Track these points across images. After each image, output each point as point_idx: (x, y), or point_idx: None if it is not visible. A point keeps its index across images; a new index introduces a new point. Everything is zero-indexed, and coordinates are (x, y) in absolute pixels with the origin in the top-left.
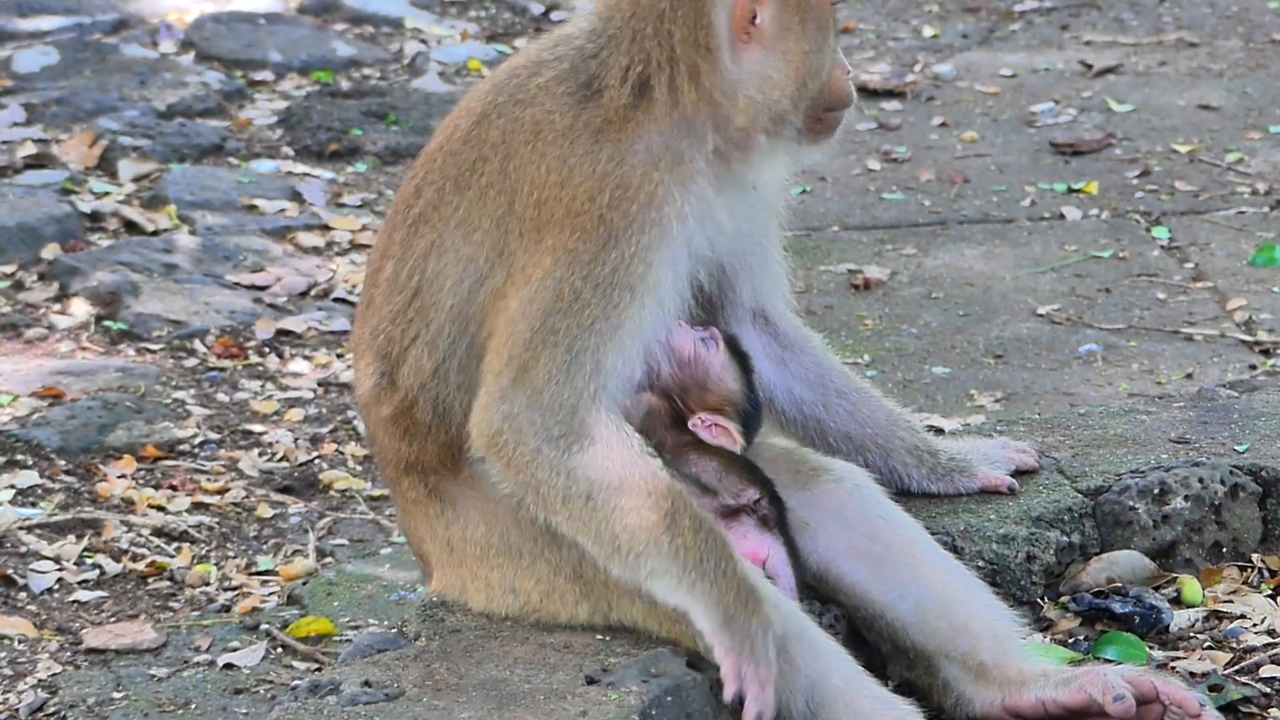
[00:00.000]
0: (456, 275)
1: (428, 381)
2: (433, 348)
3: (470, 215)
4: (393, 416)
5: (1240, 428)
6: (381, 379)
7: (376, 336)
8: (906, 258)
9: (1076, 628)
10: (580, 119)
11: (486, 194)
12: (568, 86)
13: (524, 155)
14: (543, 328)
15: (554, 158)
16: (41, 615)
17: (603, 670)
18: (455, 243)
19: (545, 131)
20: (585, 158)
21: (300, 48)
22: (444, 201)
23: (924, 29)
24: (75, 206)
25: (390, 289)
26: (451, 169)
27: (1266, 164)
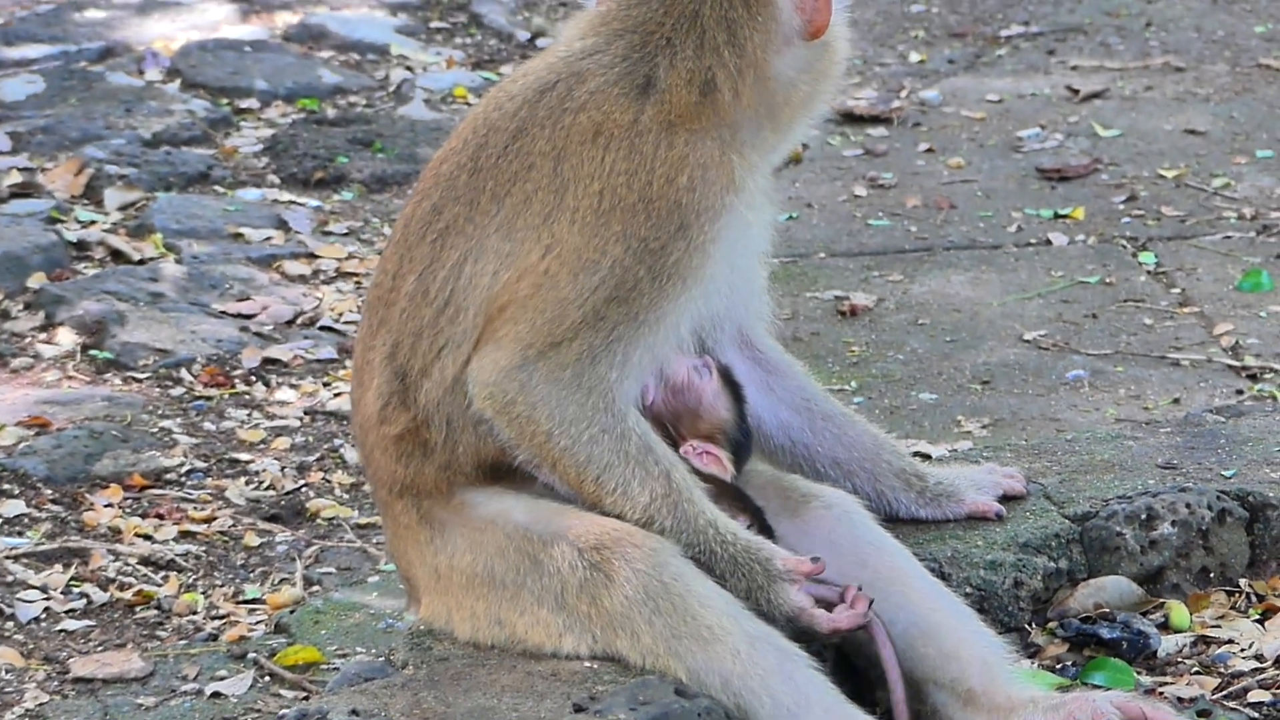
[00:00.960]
0: (493, 270)
1: (447, 395)
2: (457, 350)
3: (512, 219)
4: (398, 436)
5: (1227, 453)
6: (393, 399)
7: (395, 354)
8: (893, 284)
9: (1064, 653)
10: (645, 115)
11: (534, 198)
12: (623, 88)
13: (582, 155)
14: (594, 313)
15: (621, 151)
16: (29, 644)
17: (590, 698)
18: (495, 244)
19: (607, 129)
20: (660, 145)
21: (286, 75)
22: (479, 212)
23: (910, 54)
24: (61, 235)
25: (417, 302)
26: (486, 183)
27: (1253, 189)
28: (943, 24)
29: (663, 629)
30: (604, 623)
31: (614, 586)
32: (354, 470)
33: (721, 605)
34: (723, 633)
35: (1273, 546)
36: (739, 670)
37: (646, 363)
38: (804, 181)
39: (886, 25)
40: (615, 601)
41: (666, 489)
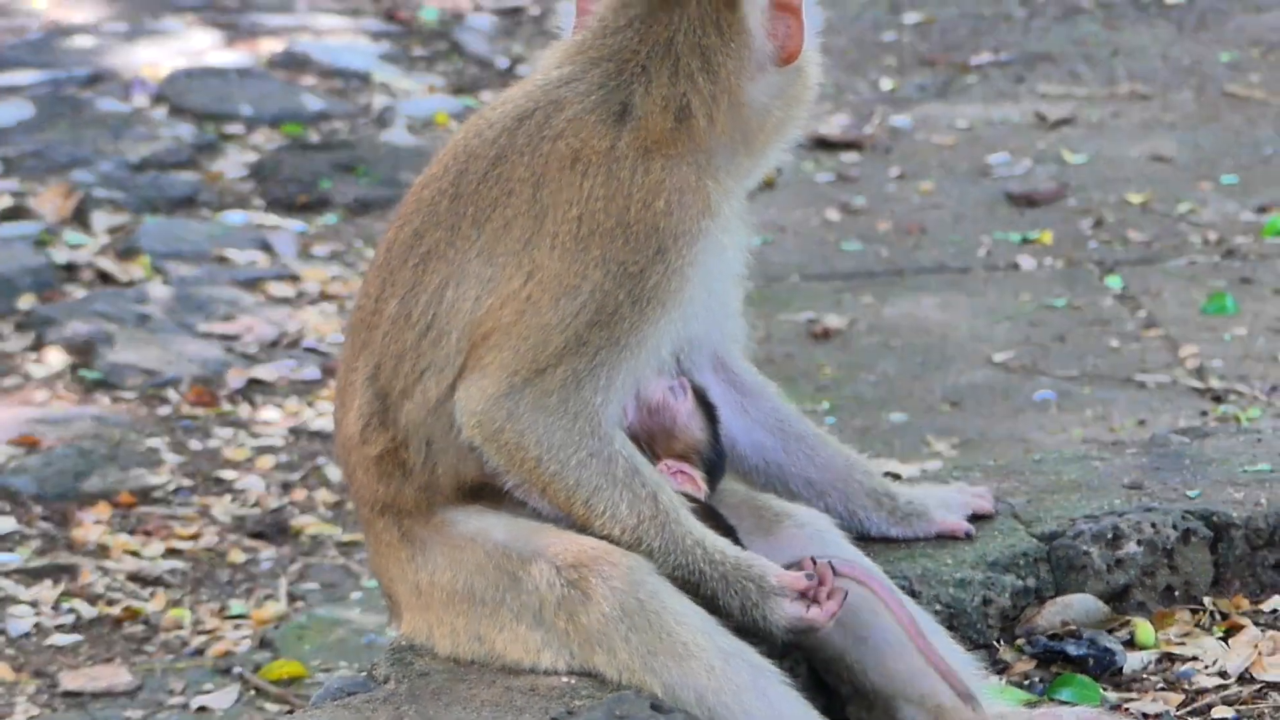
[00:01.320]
0: (474, 295)
1: (428, 417)
2: (439, 374)
3: (492, 244)
4: (378, 457)
5: (1192, 473)
6: (373, 419)
7: (377, 376)
8: (865, 307)
9: (1032, 670)
10: (621, 141)
11: (513, 223)
12: (599, 115)
13: (561, 181)
14: (577, 338)
15: (599, 177)
16: (19, 659)
17: (568, 713)
18: (477, 269)
19: (585, 155)
20: (636, 171)
21: (270, 101)
22: (459, 237)
23: (882, 82)
24: (50, 258)
25: (399, 326)
26: (467, 209)
27: (1217, 214)
28: (914, 52)
29: (639, 645)
30: (581, 639)
31: (591, 604)
32: (337, 488)
33: (696, 622)
34: (697, 649)
35: (1236, 565)
36: (713, 686)
37: (629, 385)
38: (778, 206)
39: (859, 53)
40: (592, 618)
41: (654, 510)
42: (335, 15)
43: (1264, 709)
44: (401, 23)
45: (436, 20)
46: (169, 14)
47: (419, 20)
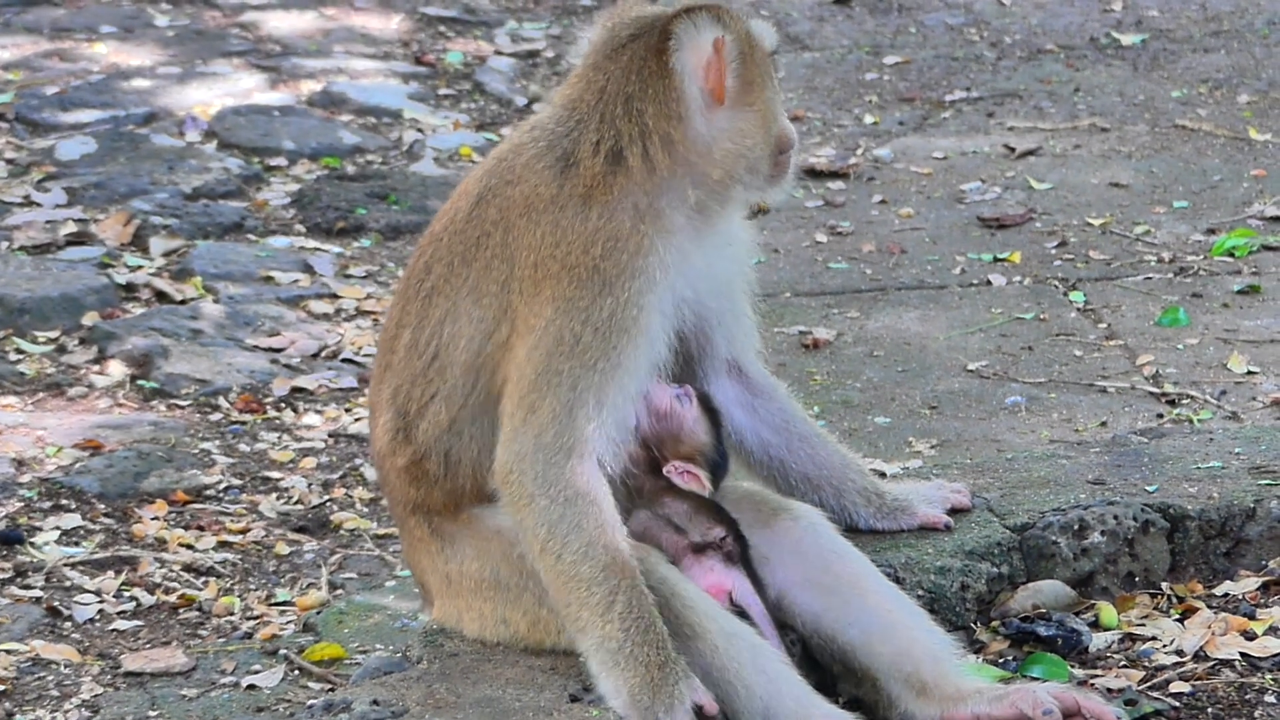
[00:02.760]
0: (469, 335)
1: (443, 434)
2: (449, 402)
3: (479, 284)
4: (406, 466)
5: (1150, 470)
6: (398, 434)
7: (396, 397)
8: (851, 320)
9: (1006, 649)
10: (564, 189)
11: (491, 264)
12: (546, 162)
13: (520, 227)
14: (547, 369)
15: (547, 224)
16: (84, 643)
17: (585, 689)
18: (467, 308)
19: (535, 203)
20: (576, 218)
21: (310, 136)
22: (454, 274)
23: (865, 117)
24: (112, 279)
25: (410, 354)
26: (459, 246)
27: (1171, 235)
28: (893, 90)
29: None
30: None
31: None
32: (373, 487)
33: (703, 606)
34: (703, 630)
35: (1191, 554)
36: (718, 663)
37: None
38: (770, 229)
39: (843, 91)
40: None
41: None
42: (368, 59)
43: (1217, 684)
44: (429, 65)
45: (460, 63)
46: (218, 58)
47: (444, 63)
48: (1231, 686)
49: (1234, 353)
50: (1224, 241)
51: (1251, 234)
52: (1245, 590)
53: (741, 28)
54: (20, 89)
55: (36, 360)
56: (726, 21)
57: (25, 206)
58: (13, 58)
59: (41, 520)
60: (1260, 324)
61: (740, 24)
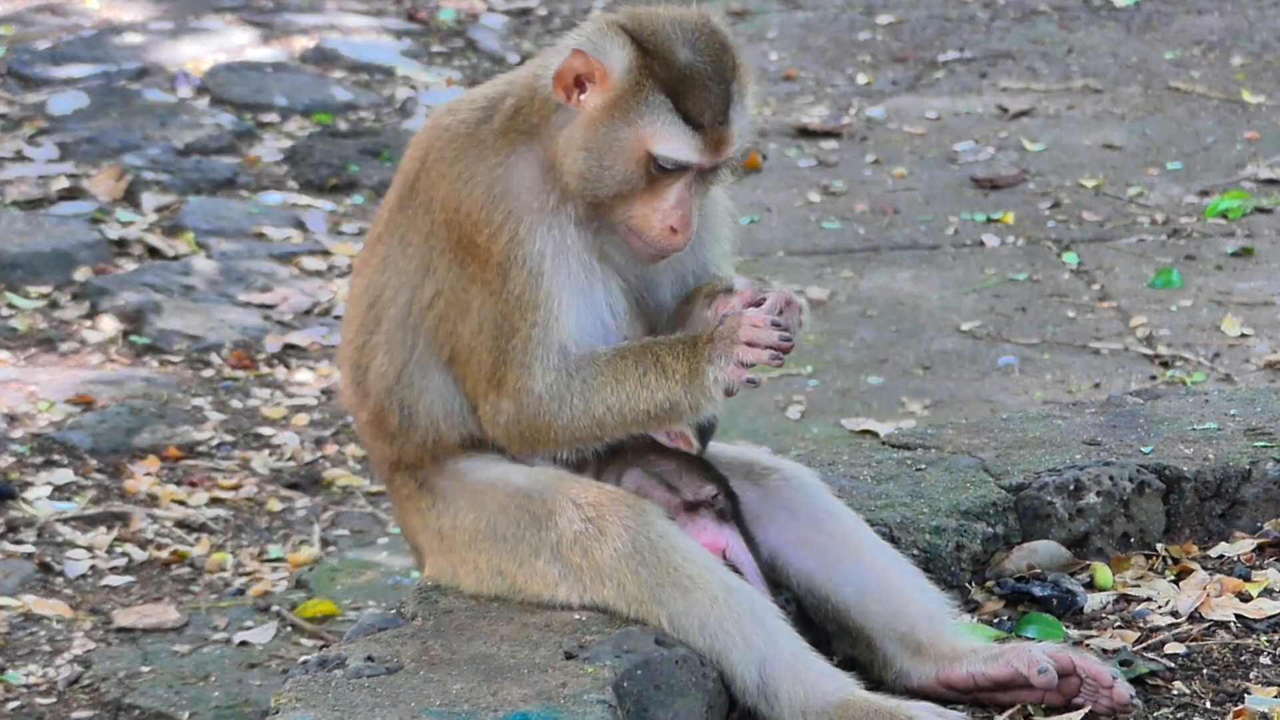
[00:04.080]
0: (396, 286)
1: (393, 386)
2: (391, 353)
3: (407, 232)
4: (369, 421)
5: (1145, 431)
6: (356, 388)
7: (348, 347)
8: (844, 280)
9: (1001, 609)
10: (479, 130)
11: (418, 212)
12: (479, 104)
13: (435, 172)
14: (495, 349)
15: (457, 174)
16: (76, 598)
17: (580, 646)
18: (396, 257)
19: (454, 139)
20: (478, 172)
21: (303, 93)
22: (392, 219)
23: (858, 76)
24: (104, 234)
25: (356, 303)
26: (400, 189)
27: (1164, 197)
28: (887, 50)
29: (648, 579)
30: (594, 573)
31: (605, 540)
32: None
33: (701, 559)
34: (702, 582)
35: (1186, 515)
36: (716, 615)
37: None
38: (764, 188)
39: (836, 51)
40: (605, 554)
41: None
42: (361, 15)
43: (1212, 645)
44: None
45: (453, 19)
46: (210, 14)
47: (437, 19)
48: (1226, 648)
49: (1227, 315)
50: (1217, 204)
51: (1245, 196)
52: (1240, 552)
53: (624, 56)
54: (12, 43)
55: (28, 315)
56: (616, 44)
57: (17, 161)
58: (4, 12)
59: (33, 476)
60: (1253, 286)
61: (626, 53)
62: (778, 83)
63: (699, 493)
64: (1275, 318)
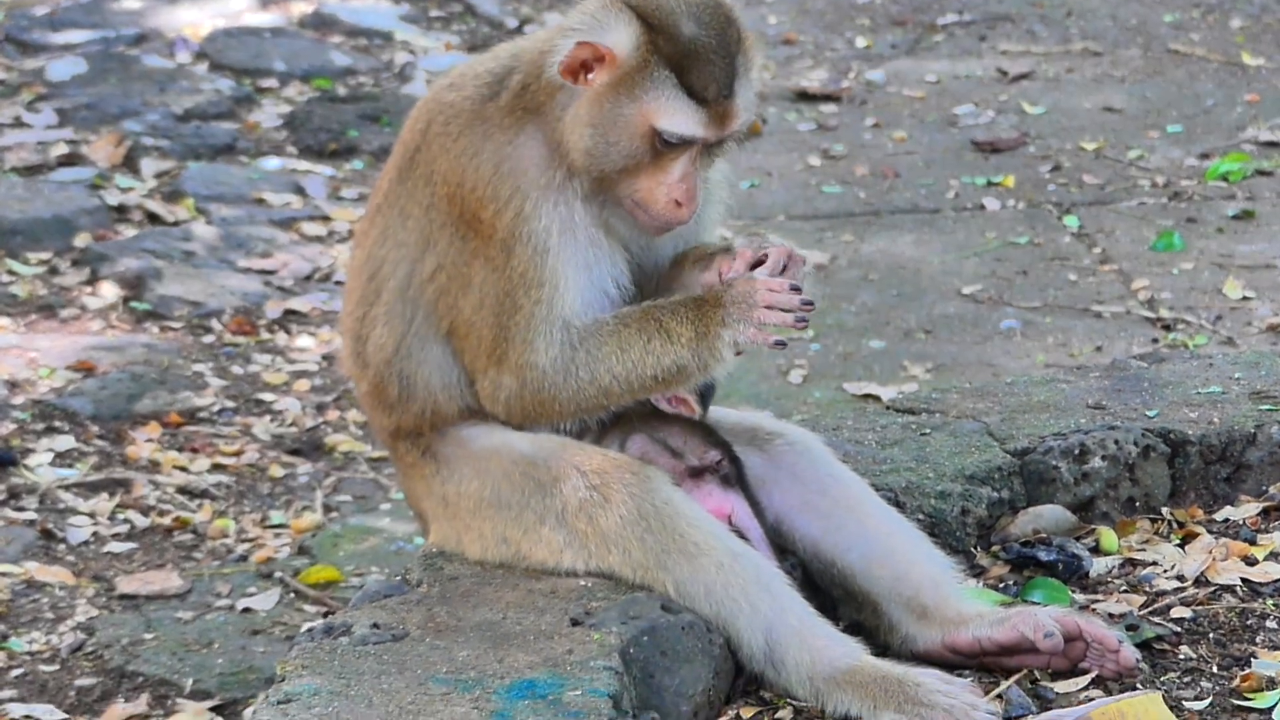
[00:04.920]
0: (395, 259)
1: (392, 358)
2: (390, 325)
3: (407, 204)
4: (369, 391)
5: (1150, 395)
6: (356, 358)
7: (348, 318)
8: (845, 244)
9: (1006, 574)
10: (487, 106)
11: (418, 184)
12: (485, 80)
13: (438, 145)
14: (496, 324)
15: (461, 149)
16: (79, 565)
17: (586, 613)
18: (395, 228)
19: (459, 114)
20: (485, 148)
21: (302, 58)
22: (392, 190)
23: (857, 40)
24: (103, 200)
25: (356, 274)
26: (400, 159)
27: (1164, 160)
28: (886, 13)
29: (653, 545)
30: (599, 540)
31: (610, 507)
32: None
33: (707, 525)
34: (708, 548)
35: (1191, 478)
36: (722, 581)
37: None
38: (764, 153)
39: (835, 14)
40: (611, 521)
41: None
42: None
43: (1218, 609)
44: None
45: None
46: None
47: None
48: (1232, 612)
49: (1229, 277)
50: (1218, 166)
51: (1245, 159)
52: (1246, 515)
53: (629, 34)
54: (10, 9)
55: (29, 282)
56: (621, 20)
57: (16, 127)
58: None
59: (35, 442)
60: (1255, 249)
61: (632, 30)
62: (777, 47)
63: (703, 458)
64: (1277, 280)
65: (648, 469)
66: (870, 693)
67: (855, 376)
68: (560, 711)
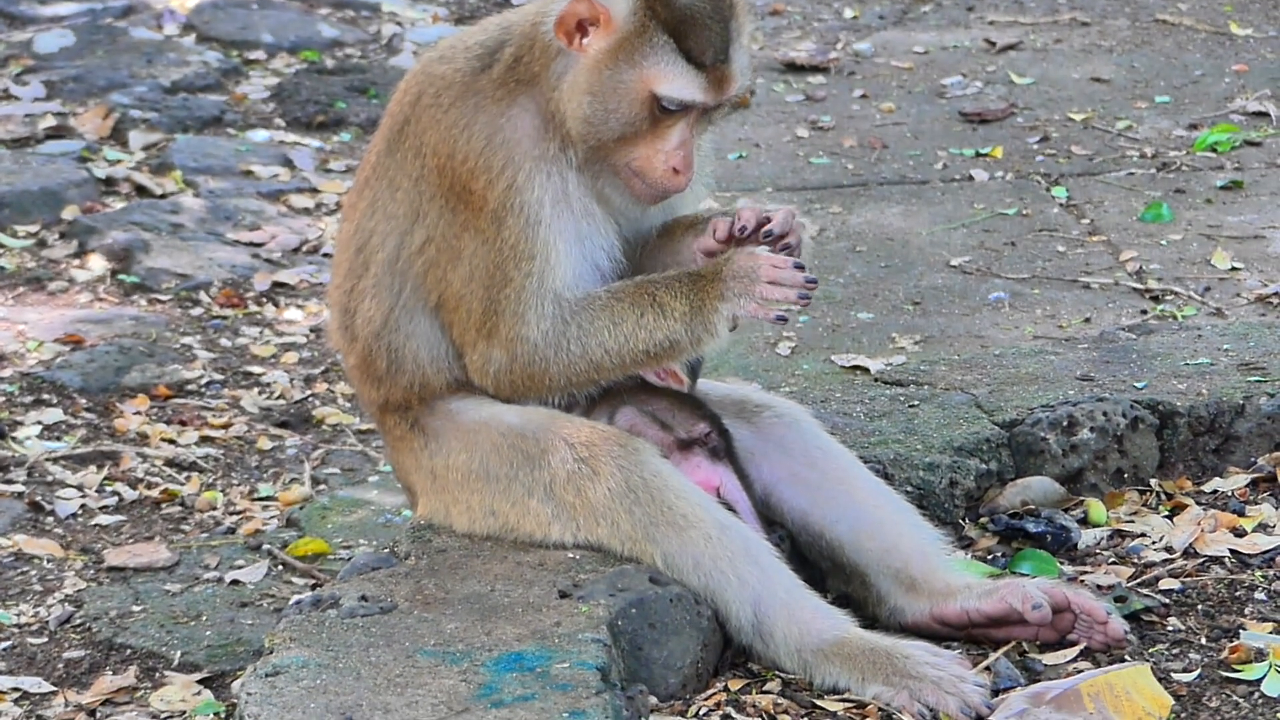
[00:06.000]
0: (384, 231)
1: (380, 331)
2: (378, 298)
3: (396, 176)
4: (357, 364)
5: (1139, 367)
6: (344, 331)
7: (336, 291)
8: (833, 215)
9: (995, 545)
10: (479, 79)
11: (407, 156)
12: (475, 52)
13: (429, 117)
14: (486, 297)
15: (452, 120)
16: (67, 537)
17: (574, 585)
18: (384, 200)
19: (450, 86)
20: (476, 119)
21: (289, 30)
22: (380, 163)
23: (845, 11)
24: (91, 172)
25: (345, 247)
26: (388, 132)
27: (1153, 130)
28: None
29: (641, 517)
30: (588, 512)
31: (599, 480)
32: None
33: (695, 498)
34: (696, 520)
35: (1180, 450)
36: (710, 553)
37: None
38: (751, 124)
39: None
40: (599, 493)
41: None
42: None
43: (1206, 581)
44: None
45: None
46: None
47: None
48: (1221, 583)
49: (1217, 249)
50: (1206, 137)
51: (1234, 129)
52: (1234, 487)
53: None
54: None
55: (16, 254)
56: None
57: (4, 100)
58: None
59: (23, 415)
60: (1243, 220)
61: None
62: (764, 17)
63: (692, 430)
64: (1265, 251)
65: (636, 441)
66: (858, 664)
67: (843, 348)
68: (548, 683)
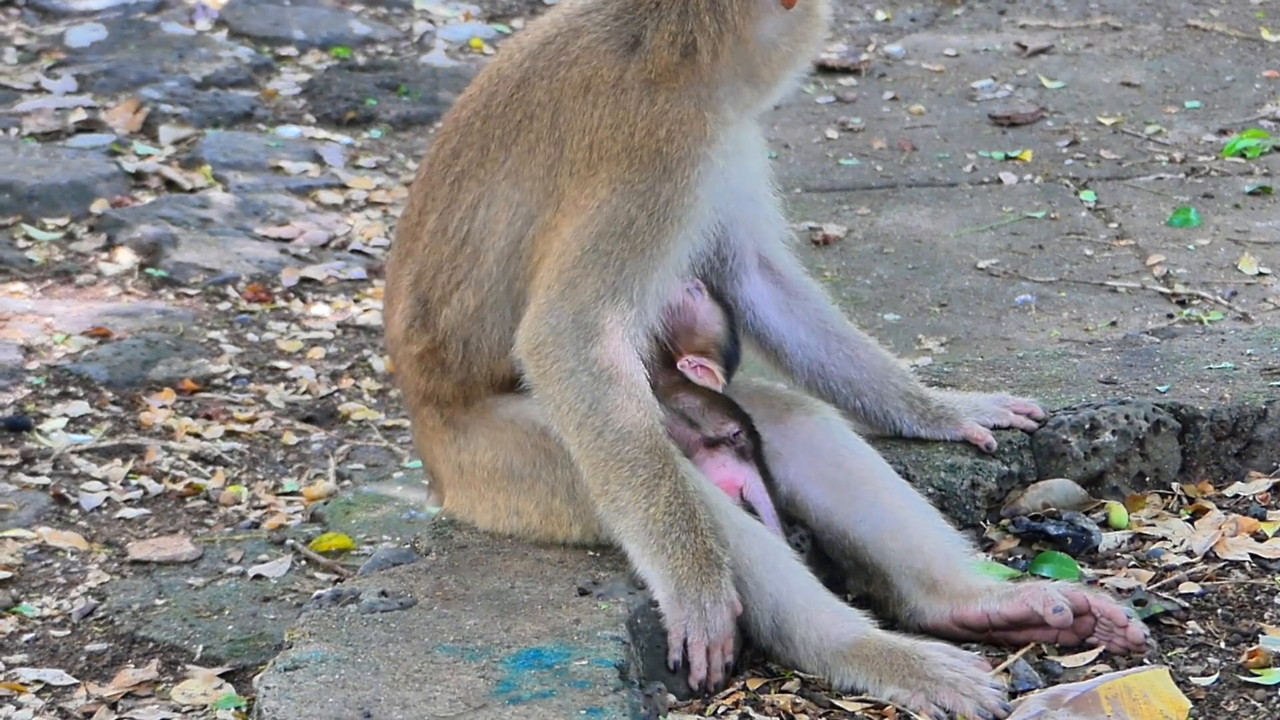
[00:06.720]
0: (507, 219)
1: (465, 321)
2: (478, 287)
3: (519, 167)
4: (420, 355)
5: (1161, 370)
6: (415, 321)
7: (418, 283)
8: (861, 217)
9: (1015, 548)
10: (629, 72)
11: (536, 147)
12: (611, 45)
13: (574, 108)
14: (594, 249)
15: (606, 106)
16: (91, 530)
17: (594, 583)
18: (505, 191)
19: (595, 85)
20: (641, 102)
21: (321, 26)
22: (489, 159)
23: (876, 13)
24: (121, 167)
25: (436, 240)
26: (496, 130)
27: (1182, 135)
28: None
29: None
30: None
31: None
32: (381, 378)
33: (714, 501)
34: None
35: (1202, 454)
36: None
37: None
38: (781, 125)
39: None
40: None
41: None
42: None
43: (1226, 585)
44: None
45: None
46: None
47: None
48: (1241, 588)
49: (1245, 254)
50: (1235, 142)
51: (1263, 135)
52: (1256, 491)
53: None
54: None
55: (45, 247)
56: None
57: (35, 93)
58: None
59: (49, 407)
60: (1271, 225)
61: None
62: None
63: (720, 430)
64: None
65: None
66: (876, 666)
67: None
68: (566, 681)
